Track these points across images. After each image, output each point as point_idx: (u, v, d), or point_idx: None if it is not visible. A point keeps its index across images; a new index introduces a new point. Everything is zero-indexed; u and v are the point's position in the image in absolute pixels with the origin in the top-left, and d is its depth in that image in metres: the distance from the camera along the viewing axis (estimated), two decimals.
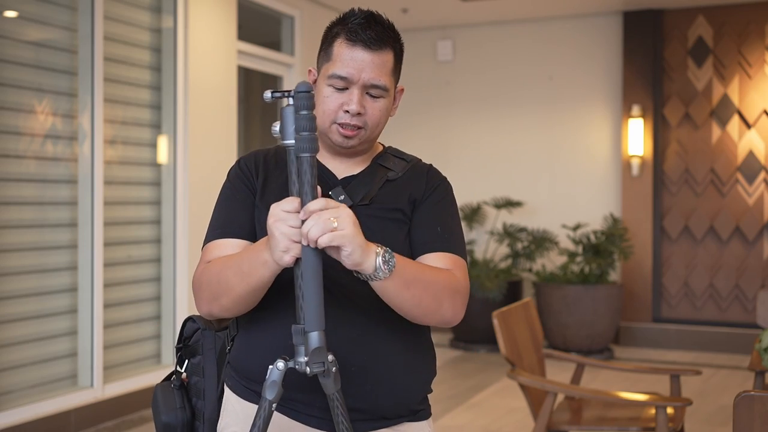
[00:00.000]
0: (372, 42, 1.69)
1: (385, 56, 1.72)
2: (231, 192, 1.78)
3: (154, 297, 5.29)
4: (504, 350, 3.38)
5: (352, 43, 1.69)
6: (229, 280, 1.61)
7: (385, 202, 1.75)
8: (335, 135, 1.73)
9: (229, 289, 1.62)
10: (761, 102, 7.09)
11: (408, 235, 1.75)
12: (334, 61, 1.71)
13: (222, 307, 1.66)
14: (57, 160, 4.62)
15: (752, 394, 1.97)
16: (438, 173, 1.85)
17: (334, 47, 1.72)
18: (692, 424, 4.86)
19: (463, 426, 4.92)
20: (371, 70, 1.69)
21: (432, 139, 8.12)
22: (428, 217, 1.76)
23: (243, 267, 1.58)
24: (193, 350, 1.84)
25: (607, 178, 7.58)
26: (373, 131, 1.75)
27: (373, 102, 1.72)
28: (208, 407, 1.81)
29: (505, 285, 7.00)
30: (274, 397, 1.50)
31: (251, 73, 6.48)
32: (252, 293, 1.61)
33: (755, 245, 7.13)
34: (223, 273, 1.63)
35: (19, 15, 4.46)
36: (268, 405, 1.50)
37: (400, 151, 1.87)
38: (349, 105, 1.69)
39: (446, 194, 1.82)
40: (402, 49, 1.78)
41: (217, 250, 1.71)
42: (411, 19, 7.68)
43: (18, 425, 4.23)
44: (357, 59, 1.69)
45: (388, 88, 1.73)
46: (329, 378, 1.50)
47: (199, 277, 1.70)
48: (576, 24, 7.69)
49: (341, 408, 1.54)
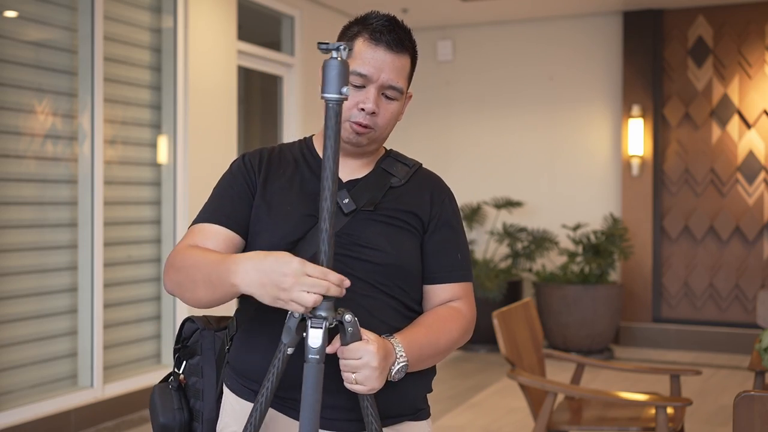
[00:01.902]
0: (394, 44, 1.72)
1: (404, 60, 1.75)
2: (229, 183, 1.79)
3: (154, 297, 5.29)
4: (504, 350, 3.38)
5: (375, 42, 1.72)
6: (196, 281, 1.61)
7: (388, 208, 1.76)
8: (346, 131, 1.74)
9: (193, 287, 1.63)
10: (761, 102, 7.09)
11: (416, 245, 1.78)
12: (355, 58, 1.72)
13: (182, 296, 1.68)
14: (57, 160, 4.62)
15: (752, 394, 1.97)
16: (441, 184, 1.88)
17: (356, 45, 1.74)
18: (692, 424, 4.86)
19: (463, 426, 4.92)
20: (391, 71, 1.72)
21: (432, 139, 8.12)
22: (445, 241, 1.81)
23: (212, 277, 1.58)
24: (192, 351, 1.84)
25: (607, 178, 7.59)
26: (381, 133, 1.77)
27: (387, 104, 1.74)
28: (206, 407, 1.81)
29: (505, 285, 7.00)
30: (290, 341, 1.51)
31: (251, 73, 6.48)
32: (213, 301, 1.62)
33: (755, 245, 7.13)
34: (192, 270, 1.63)
35: (19, 15, 4.46)
36: (284, 348, 1.51)
37: (402, 155, 1.88)
38: (365, 103, 1.71)
39: (455, 209, 1.87)
40: (416, 57, 1.82)
41: (200, 234, 1.72)
42: (411, 19, 7.68)
43: (18, 425, 4.23)
44: (378, 59, 1.71)
45: (404, 91, 1.76)
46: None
47: (174, 256, 1.69)
48: (576, 24, 7.69)
49: (371, 408, 1.57)
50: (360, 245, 1.70)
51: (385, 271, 1.70)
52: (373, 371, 1.54)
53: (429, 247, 1.79)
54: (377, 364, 1.55)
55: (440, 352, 1.73)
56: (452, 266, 1.80)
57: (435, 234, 1.80)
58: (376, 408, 1.57)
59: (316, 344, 1.48)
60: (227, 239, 1.72)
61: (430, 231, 1.80)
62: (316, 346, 1.48)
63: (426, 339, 1.69)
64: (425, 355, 1.68)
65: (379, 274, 1.69)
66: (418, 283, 1.78)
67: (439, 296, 1.79)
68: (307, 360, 1.48)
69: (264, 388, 1.52)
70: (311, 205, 1.72)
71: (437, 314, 1.76)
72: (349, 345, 1.53)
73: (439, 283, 1.79)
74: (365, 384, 1.55)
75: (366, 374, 1.54)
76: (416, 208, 1.79)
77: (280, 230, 1.72)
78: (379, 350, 1.55)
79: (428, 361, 1.72)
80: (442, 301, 1.79)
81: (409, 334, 1.67)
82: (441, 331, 1.73)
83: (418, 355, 1.66)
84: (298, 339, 1.51)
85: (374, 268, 1.69)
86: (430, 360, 1.72)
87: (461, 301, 1.80)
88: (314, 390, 1.48)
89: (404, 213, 1.77)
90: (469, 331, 1.81)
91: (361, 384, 1.54)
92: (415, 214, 1.79)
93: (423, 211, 1.80)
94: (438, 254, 1.79)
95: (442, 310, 1.77)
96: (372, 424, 1.56)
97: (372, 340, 1.56)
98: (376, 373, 1.55)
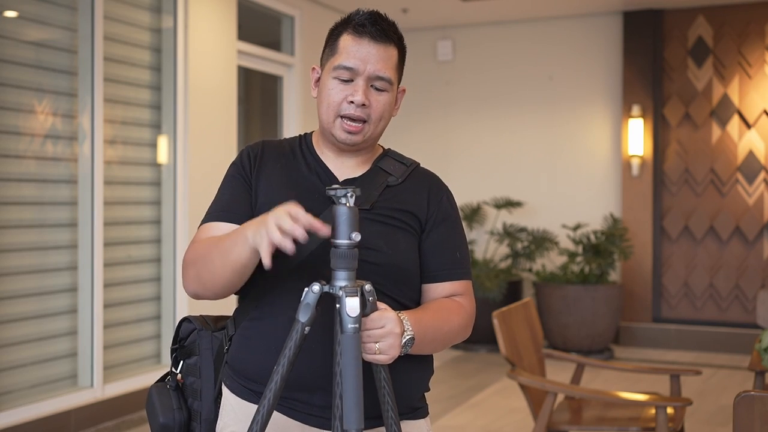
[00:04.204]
0: (378, 35, 1.73)
1: (390, 50, 1.75)
2: (230, 178, 1.81)
3: (154, 297, 5.29)
4: (504, 350, 3.38)
5: (359, 35, 1.73)
6: (213, 258, 1.63)
7: (385, 207, 1.76)
8: (339, 131, 1.74)
9: (211, 266, 1.63)
10: (761, 102, 7.09)
11: (413, 245, 1.78)
12: (340, 54, 1.74)
13: (204, 286, 1.68)
14: (57, 160, 4.62)
15: (752, 394, 1.97)
16: (439, 183, 1.88)
17: (340, 41, 1.75)
18: (692, 424, 4.86)
19: (463, 426, 4.92)
20: (377, 62, 1.73)
21: (432, 139, 8.12)
22: (444, 240, 1.81)
23: (226, 243, 1.60)
24: (189, 351, 1.84)
25: (607, 178, 7.58)
26: (376, 126, 1.77)
27: (378, 95, 1.75)
28: (205, 408, 1.81)
29: (505, 285, 7.00)
30: (307, 320, 1.50)
31: (251, 73, 6.48)
32: (232, 273, 1.61)
33: (755, 245, 7.13)
34: (208, 251, 1.65)
35: (19, 15, 4.46)
36: (300, 327, 1.50)
37: (400, 154, 1.88)
38: (354, 96, 1.72)
39: (453, 207, 1.87)
40: (405, 50, 1.82)
41: (210, 232, 1.74)
42: (411, 19, 7.68)
43: (18, 425, 4.23)
44: (363, 51, 1.72)
45: (393, 81, 1.76)
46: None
47: (187, 255, 1.73)
48: (576, 24, 7.69)
49: (392, 403, 1.55)
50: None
51: (382, 271, 1.70)
52: (396, 338, 1.55)
53: (428, 246, 1.80)
54: (400, 330, 1.56)
55: (442, 339, 1.74)
56: (452, 264, 1.80)
57: (433, 232, 1.80)
58: (394, 397, 1.56)
59: (355, 312, 1.47)
60: None
61: (428, 229, 1.80)
62: (354, 315, 1.47)
63: (431, 322, 1.70)
64: (428, 337, 1.68)
65: (375, 273, 1.68)
66: (416, 282, 1.78)
67: (439, 294, 1.80)
68: (345, 331, 1.47)
69: (275, 374, 1.50)
70: (306, 202, 1.72)
71: (441, 303, 1.77)
72: (371, 315, 1.53)
73: (439, 282, 1.80)
74: (388, 353, 1.54)
75: (390, 342, 1.54)
76: (414, 207, 1.79)
77: None
78: (397, 317, 1.57)
79: (430, 346, 1.71)
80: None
81: (415, 313, 1.68)
82: (444, 318, 1.74)
83: (423, 334, 1.66)
84: (316, 316, 1.50)
85: (371, 267, 1.68)
86: (432, 344, 1.72)
87: (462, 297, 1.82)
88: (356, 360, 1.46)
89: (401, 212, 1.77)
90: (469, 326, 1.82)
91: (384, 353, 1.54)
92: (412, 213, 1.79)
93: (420, 210, 1.80)
94: (437, 253, 1.80)
95: (445, 301, 1.79)
96: (392, 426, 1.55)
97: (389, 308, 1.57)
98: (398, 341, 1.55)
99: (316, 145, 1.84)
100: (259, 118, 7.06)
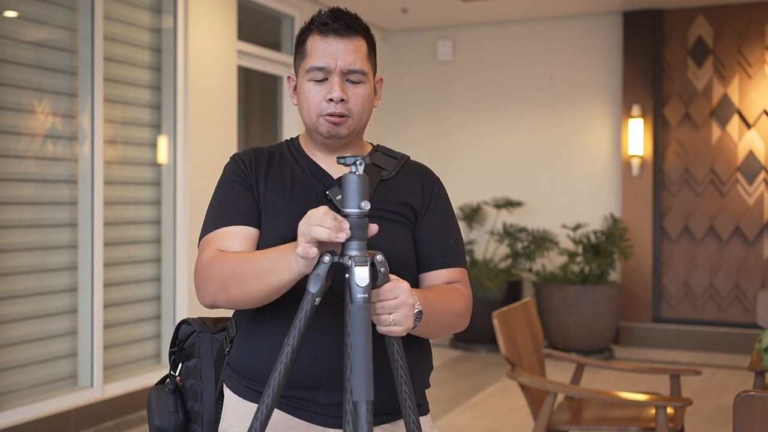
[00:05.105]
0: (343, 30, 1.74)
1: (357, 42, 1.76)
2: (228, 185, 1.78)
3: (154, 297, 5.29)
4: (504, 350, 3.39)
5: (324, 34, 1.75)
6: (246, 275, 1.59)
7: (380, 202, 1.76)
8: (323, 126, 1.75)
9: (244, 284, 1.60)
10: (761, 102, 7.09)
11: (410, 238, 1.78)
12: (310, 56, 1.75)
13: (229, 300, 1.65)
14: (57, 160, 4.62)
15: (752, 394, 1.97)
16: (431, 173, 1.89)
17: (308, 44, 1.77)
18: (692, 424, 4.86)
19: (463, 426, 4.92)
20: (346, 56, 1.73)
21: (432, 139, 8.12)
22: (438, 227, 1.81)
23: (265, 265, 1.56)
24: (188, 353, 1.84)
25: (607, 178, 7.58)
26: (359, 118, 1.77)
27: (354, 88, 1.75)
28: (206, 410, 1.80)
29: (505, 285, 7.00)
30: (318, 290, 1.46)
31: (251, 73, 6.48)
32: (267, 293, 1.59)
33: (755, 245, 7.13)
34: (241, 267, 1.61)
35: (19, 15, 4.46)
36: (311, 298, 1.47)
37: (389, 149, 1.90)
38: (332, 93, 1.72)
39: (445, 197, 1.88)
40: (373, 40, 1.82)
41: (223, 239, 1.71)
42: (411, 19, 7.68)
43: (18, 425, 4.23)
44: (331, 48, 1.74)
45: (366, 72, 1.76)
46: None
47: (207, 267, 1.67)
48: (576, 24, 7.69)
49: (409, 397, 1.53)
50: None
51: None
52: (410, 308, 1.52)
53: (421, 234, 1.80)
54: (413, 301, 1.54)
55: (444, 321, 1.72)
56: (446, 252, 1.81)
57: (426, 219, 1.81)
58: (407, 371, 1.53)
59: (364, 282, 1.44)
60: (247, 236, 1.72)
61: (421, 218, 1.81)
62: (363, 285, 1.44)
63: (436, 301, 1.69)
64: (433, 317, 1.66)
65: None
66: (414, 275, 1.79)
67: (436, 282, 1.80)
68: (354, 301, 1.44)
69: (286, 345, 1.46)
70: (304, 202, 1.72)
71: (443, 287, 1.77)
72: (384, 285, 1.50)
73: (435, 269, 1.79)
74: (402, 324, 1.51)
75: (404, 312, 1.51)
76: (408, 198, 1.81)
77: (276, 229, 1.72)
78: (410, 288, 1.54)
79: (433, 327, 1.69)
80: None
81: (420, 292, 1.66)
82: (447, 301, 1.74)
83: (429, 312, 1.63)
84: (327, 287, 1.47)
85: None
86: (435, 326, 1.69)
87: (460, 284, 1.82)
88: (366, 330, 1.43)
89: (396, 204, 1.78)
90: (469, 313, 1.81)
91: (398, 324, 1.51)
92: (407, 204, 1.80)
93: (414, 200, 1.81)
94: (431, 241, 1.80)
95: (447, 286, 1.79)
96: (406, 401, 1.52)
97: (401, 279, 1.55)
98: (412, 311, 1.53)
99: (306, 148, 1.84)
100: (259, 118, 7.06)
